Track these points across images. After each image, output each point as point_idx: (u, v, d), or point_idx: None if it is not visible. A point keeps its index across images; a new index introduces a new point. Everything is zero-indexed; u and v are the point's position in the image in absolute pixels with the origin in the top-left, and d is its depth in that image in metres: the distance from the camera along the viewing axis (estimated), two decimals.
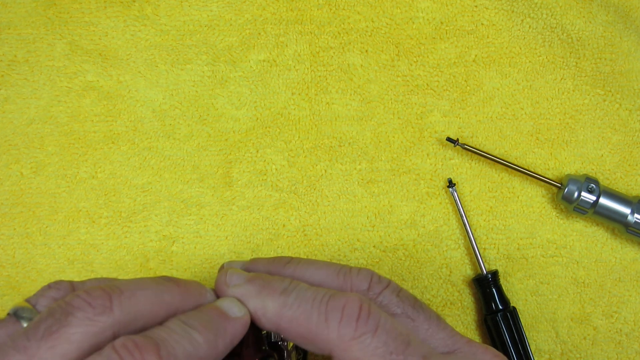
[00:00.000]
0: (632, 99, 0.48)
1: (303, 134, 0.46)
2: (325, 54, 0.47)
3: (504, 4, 0.49)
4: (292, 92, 0.47)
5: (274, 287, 0.30)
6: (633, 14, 0.49)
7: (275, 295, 0.30)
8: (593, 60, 0.48)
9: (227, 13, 0.48)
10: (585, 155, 0.47)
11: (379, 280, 0.32)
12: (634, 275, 0.46)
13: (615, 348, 0.45)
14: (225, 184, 0.45)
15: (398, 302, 0.31)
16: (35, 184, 0.44)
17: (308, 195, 0.46)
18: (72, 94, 0.46)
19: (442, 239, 0.46)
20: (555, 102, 0.48)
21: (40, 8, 0.46)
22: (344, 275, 0.32)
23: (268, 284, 0.31)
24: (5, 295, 0.43)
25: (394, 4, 0.48)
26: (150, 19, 0.47)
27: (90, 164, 0.45)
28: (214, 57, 0.47)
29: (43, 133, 0.45)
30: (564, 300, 0.46)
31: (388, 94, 0.47)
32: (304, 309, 0.29)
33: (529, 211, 0.46)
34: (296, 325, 0.29)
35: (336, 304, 0.29)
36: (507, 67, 0.48)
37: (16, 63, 0.46)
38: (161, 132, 0.46)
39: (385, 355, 0.27)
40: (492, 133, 0.47)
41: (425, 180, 0.46)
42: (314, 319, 0.29)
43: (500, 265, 0.46)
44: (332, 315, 0.28)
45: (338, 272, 0.32)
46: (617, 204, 0.44)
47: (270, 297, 0.30)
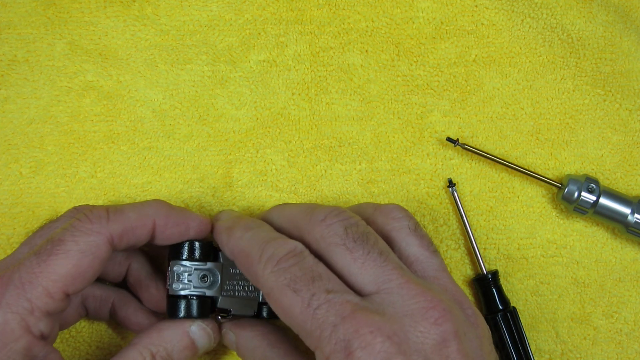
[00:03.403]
0: (633, 99, 0.48)
1: (303, 134, 0.46)
2: (325, 54, 0.47)
3: (504, 4, 0.49)
4: (292, 92, 0.47)
5: (242, 224, 0.36)
6: (633, 14, 0.50)
7: (239, 230, 0.36)
8: (593, 60, 0.48)
9: (227, 13, 0.48)
10: (586, 155, 0.47)
11: (336, 214, 0.35)
12: (634, 275, 0.46)
13: (616, 348, 0.45)
14: (226, 184, 0.45)
15: (343, 234, 0.34)
16: (34, 184, 0.44)
17: (308, 195, 0.46)
18: (72, 94, 0.46)
19: (442, 239, 0.46)
20: (556, 102, 0.48)
21: (40, 8, 0.46)
22: (310, 211, 0.35)
23: (240, 220, 0.37)
24: None
25: (394, 4, 0.48)
26: (150, 19, 0.47)
27: (90, 163, 0.45)
28: (214, 57, 0.47)
29: (43, 133, 0.45)
30: (564, 300, 0.45)
31: (388, 94, 0.47)
32: (251, 245, 0.34)
33: (529, 211, 0.46)
34: (242, 256, 0.35)
35: (272, 245, 0.33)
36: (508, 67, 0.48)
37: (16, 63, 0.46)
38: (161, 132, 0.46)
39: (290, 284, 0.31)
40: (492, 133, 0.47)
41: (425, 180, 0.46)
42: (254, 253, 0.34)
43: (500, 265, 0.46)
44: (265, 255, 0.33)
45: (305, 210, 0.36)
46: (617, 204, 0.44)
47: (235, 231, 0.36)
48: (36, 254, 0.34)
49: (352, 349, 0.29)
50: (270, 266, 0.32)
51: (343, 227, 0.34)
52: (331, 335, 0.29)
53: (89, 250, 0.34)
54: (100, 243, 0.35)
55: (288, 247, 0.33)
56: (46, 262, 0.33)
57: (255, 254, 0.34)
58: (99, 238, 0.35)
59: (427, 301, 0.31)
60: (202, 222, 0.38)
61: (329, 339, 0.29)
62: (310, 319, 0.30)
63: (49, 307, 0.33)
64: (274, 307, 0.33)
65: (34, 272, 0.33)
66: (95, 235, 0.35)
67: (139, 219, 0.36)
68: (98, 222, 0.35)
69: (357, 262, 0.33)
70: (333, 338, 0.29)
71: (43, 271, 0.33)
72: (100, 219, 0.35)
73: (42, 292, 0.33)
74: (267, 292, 0.33)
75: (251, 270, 0.34)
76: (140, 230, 0.36)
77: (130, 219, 0.36)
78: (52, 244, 0.34)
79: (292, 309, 0.31)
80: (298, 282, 0.31)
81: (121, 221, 0.36)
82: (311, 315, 0.30)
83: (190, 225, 0.38)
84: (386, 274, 0.32)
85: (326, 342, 0.30)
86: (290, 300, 0.31)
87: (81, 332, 0.43)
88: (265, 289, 0.33)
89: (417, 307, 0.31)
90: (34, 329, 0.33)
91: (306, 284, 0.31)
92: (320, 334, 0.30)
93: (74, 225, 0.35)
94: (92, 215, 0.35)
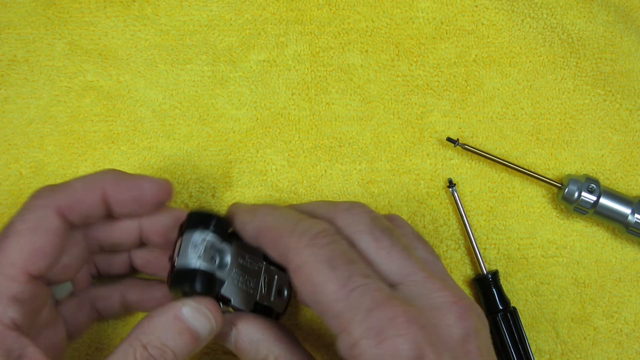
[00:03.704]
0: (633, 99, 0.48)
1: (303, 134, 0.46)
2: (325, 54, 0.47)
3: (504, 3, 0.49)
4: (292, 92, 0.47)
5: (266, 206, 0.36)
6: (633, 14, 0.49)
7: (265, 209, 0.35)
8: (593, 60, 0.48)
9: (227, 13, 0.48)
10: (586, 155, 0.47)
11: (361, 206, 0.35)
12: (634, 276, 0.46)
13: (616, 348, 0.45)
14: (225, 184, 0.45)
15: (369, 224, 0.34)
16: (34, 184, 0.44)
17: (308, 195, 0.46)
18: (72, 94, 0.46)
19: (442, 239, 0.46)
20: (556, 102, 0.48)
21: (40, 8, 0.46)
22: (333, 203, 0.36)
23: (263, 204, 0.37)
24: None
25: (394, 4, 0.48)
26: (150, 19, 0.47)
27: (90, 163, 0.45)
28: (214, 57, 0.47)
29: (43, 133, 0.45)
30: (564, 300, 0.45)
31: (388, 94, 0.47)
32: (281, 221, 0.34)
33: (529, 211, 0.46)
34: (269, 231, 0.34)
35: (305, 223, 0.33)
36: (508, 67, 0.48)
37: (16, 63, 0.46)
38: (161, 132, 0.46)
39: (329, 261, 0.31)
40: (492, 133, 0.47)
41: (425, 180, 0.46)
42: (285, 228, 0.33)
43: (500, 266, 0.46)
44: (298, 229, 0.32)
45: (328, 202, 0.36)
46: (618, 204, 0.44)
47: (261, 209, 0.35)
48: None
49: (386, 335, 0.29)
50: (306, 240, 0.31)
51: (369, 218, 0.34)
52: (364, 319, 0.29)
53: (39, 226, 0.33)
54: (49, 215, 0.33)
55: (322, 226, 0.32)
56: (0, 247, 0.32)
57: (287, 228, 0.33)
58: (46, 211, 0.33)
59: (452, 296, 0.31)
60: (159, 184, 0.37)
61: (361, 323, 0.29)
62: (343, 300, 0.30)
63: (14, 291, 0.32)
64: (302, 281, 0.31)
65: None
66: (42, 210, 0.33)
67: (86, 188, 0.35)
68: (43, 196, 0.34)
69: (383, 251, 0.33)
70: (365, 323, 0.29)
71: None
72: (45, 192, 0.34)
73: (2, 278, 0.32)
74: (297, 266, 0.31)
75: (281, 243, 0.32)
76: (90, 199, 0.35)
77: (76, 188, 0.35)
78: (4, 229, 0.33)
79: (326, 286, 0.30)
80: (336, 260, 0.31)
81: (67, 192, 0.35)
82: (345, 295, 0.30)
83: (144, 187, 0.36)
84: (411, 266, 0.33)
85: (357, 326, 0.29)
86: (326, 277, 0.30)
87: None
88: (296, 262, 0.31)
89: (443, 301, 0.31)
90: (3, 317, 0.31)
91: (344, 263, 0.31)
92: (351, 316, 0.29)
93: (22, 206, 0.34)
94: (37, 192, 0.34)
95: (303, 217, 0.34)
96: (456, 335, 0.30)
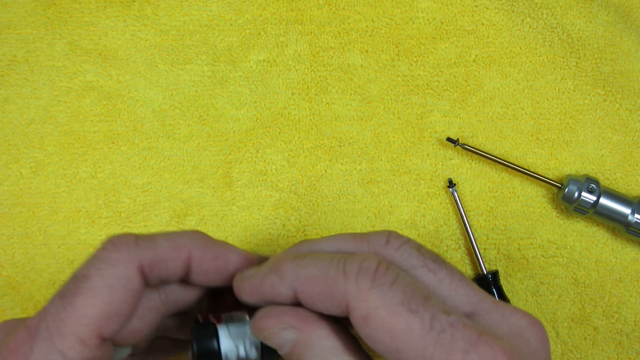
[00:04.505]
0: (633, 99, 0.48)
1: (303, 134, 0.46)
2: (325, 54, 0.47)
3: (504, 4, 0.49)
4: (292, 92, 0.47)
5: (287, 256, 0.30)
6: (633, 14, 0.49)
7: (290, 260, 0.30)
8: (593, 60, 0.48)
9: (227, 13, 0.48)
10: (586, 155, 0.47)
11: (398, 236, 0.31)
12: (634, 276, 0.46)
13: (616, 348, 0.45)
14: (225, 184, 0.45)
15: (419, 255, 0.30)
16: (34, 184, 0.44)
17: (308, 195, 0.46)
18: (72, 94, 0.46)
19: (443, 239, 0.46)
20: (556, 102, 0.48)
21: (40, 8, 0.46)
22: (360, 237, 0.31)
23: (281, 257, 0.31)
24: (6, 295, 0.43)
25: (394, 4, 0.48)
26: (150, 19, 0.47)
27: (90, 163, 0.45)
28: (214, 57, 0.47)
29: (43, 133, 0.45)
30: (564, 300, 0.45)
31: (388, 94, 0.47)
32: (320, 267, 0.29)
33: (529, 211, 0.46)
34: (313, 282, 0.29)
35: (354, 260, 0.28)
36: (508, 67, 0.48)
37: (16, 63, 0.46)
38: (161, 132, 0.46)
39: (404, 303, 0.27)
40: (492, 133, 0.47)
41: (425, 180, 0.46)
42: (332, 274, 0.28)
43: (500, 266, 0.46)
44: (349, 270, 0.28)
45: (354, 236, 0.31)
46: (618, 204, 0.44)
47: (285, 263, 0.30)
48: (60, 296, 0.29)
49: None
50: (367, 282, 0.27)
51: (416, 249, 0.31)
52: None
53: (118, 284, 0.29)
54: (131, 274, 0.30)
55: (375, 260, 0.28)
56: (72, 304, 0.29)
57: (335, 272, 0.28)
58: (128, 268, 0.30)
59: (527, 317, 0.30)
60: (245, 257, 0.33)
61: None
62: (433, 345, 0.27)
63: (85, 356, 0.29)
64: (375, 330, 0.27)
65: (61, 319, 0.28)
66: (124, 266, 0.30)
67: (173, 249, 0.31)
68: (125, 249, 0.30)
69: (444, 283, 0.30)
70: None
71: (71, 316, 0.28)
72: (128, 245, 0.30)
73: (73, 340, 0.28)
74: (366, 314, 0.27)
75: (335, 293, 0.28)
76: (174, 262, 0.31)
77: (162, 247, 0.31)
78: (75, 281, 0.29)
79: (409, 332, 0.27)
80: (412, 301, 0.27)
81: (152, 248, 0.31)
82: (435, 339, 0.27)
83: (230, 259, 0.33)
84: (475, 293, 0.30)
85: None
86: (407, 322, 0.27)
87: None
88: (363, 311, 0.27)
89: (522, 325, 0.30)
90: None
91: (422, 303, 0.27)
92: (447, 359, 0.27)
93: (98, 256, 0.30)
94: (118, 243, 0.30)
95: (344, 254, 0.29)
96: (542, 358, 0.29)
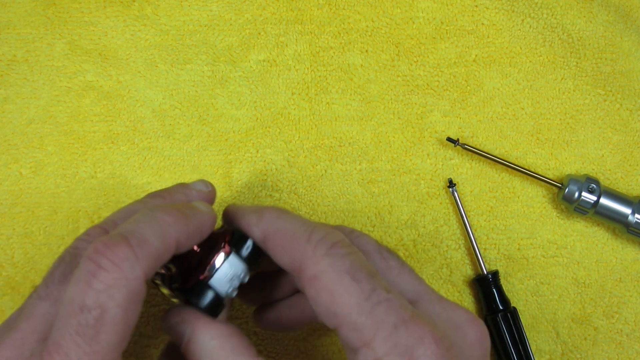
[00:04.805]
0: (633, 99, 0.48)
1: (303, 134, 0.46)
2: (325, 54, 0.47)
3: (505, 3, 0.49)
4: (292, 92, 0.47)
5: (273, 208, 0.34)
6: (633, 14, 0.49)
7: (273, 212, 0.33)
8: (594, 60, 0.48)
9: (227, 13, 0.48)
10: (586, 155, 0.47)
11: (360, 231, 0.35)
12: (634, 276, 0.46)
13: (616, 348, 0.45)
14: (226, 184, 0.45)
15: (376, 244, 0.34)
16: (34, 184, 0.44)
17: (308, 195, 0.46)
18: (72, 94, 0.46)
19: (443, 239, 0.46)
20: (556, 102, 0.48)
21: (40, 8, 0.46)
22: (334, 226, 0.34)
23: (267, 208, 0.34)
24: (5, 295, 0.43)
25: (394, 4, 0.48)
26: (150, 19, 0.47)
27: (90, 163, 0.45)
28: (214, 57, 0.47)
29: (42, 133, 0.45)
30: (565, 300, 0.45)
31: (388, 94, 0.47)
32: (292, 226, 0.32)
33: (529, 211, 0.46)
34: (281, 235, 0.32)
35: (320, 230, 0.31)
36: (508, 67, 0.48)
37: (16, 63, 0.46)
38: (161, 132, 0.46)
39: (350, 272, 0.30)
40: (493, 133, 0.47)
41: (425, 180, 0.46)
42: (298, 234, 0.31)
43: (500, 266, 0.46)
44: (314, 236, 0.31)
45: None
46: (618, 204, 0.44)
47: (268, 212, 0.33)
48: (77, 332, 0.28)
49: (414, 354, 0.28)
50: (324, 248, 0.30)
51: (375, 241, 0.34)
52: (389, 336, 0.28)
53: (132, 305, 0.28)
54: (140, 288, 0.29)
55: (339, 236, 0.31)
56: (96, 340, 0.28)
57: (302, 234, 0.31)
58: (137, 284, 0.29)
59: (469, 314, 0.31)
60: (213, 219, 0.34)
61: (386, 340, 0.28)
62: (366, 314, 0.29)
63: None
64: (318, 291, 0.30)
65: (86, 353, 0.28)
66: (133, 283, 0.29)
67: (164, 245, 0.31)
68: (128, 266, 0.29)
69: (394, 270, 0.33)
70: (391, 339, 0.28)
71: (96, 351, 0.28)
72: (130, 261, 0.29)
73: None
74: (314, 275, 0.30)
75: (294, 249, 0.31)
76: (167, 256, 0.31)
77: (155, 247, 0.30)
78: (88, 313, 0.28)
79: (347, 298, 0.29)
80: (357, 272, 0.30)
81: (149, 254, 0.30)
82: (369, 309, 0.29)
83: (204, 231, 0.33)
84: (422, 285, 0.32)
85: (382, 342, 0.28)
86: (347, 289, 0.29)
87: None
88: (312, 271, 0.30)
89: (462, 320, 0.31)
90: None
91: (366, 276, 0.30)
92: (375, 332, 0.29)
93: (102, 279, 0.28)
94: (118, 259, 0.28)
95: (317, 224, 0.32)
96: (477, 356, 0.30)
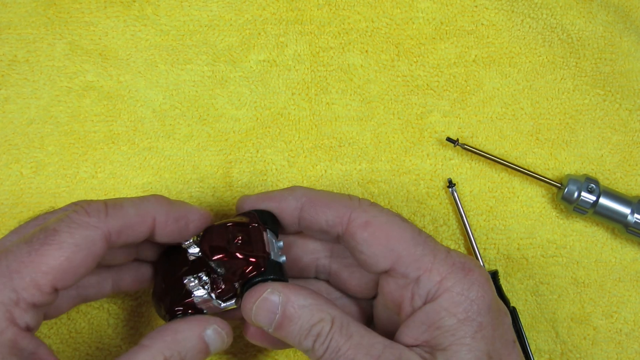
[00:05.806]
0: (632, 99, 0.48)
1: (303, 134, 0.46)
2: (325, 54, 0.47)
3: (504, 4, 0.49)
4: (292, 92, 0.47)
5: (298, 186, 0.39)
6: (633, 14, 0.49)
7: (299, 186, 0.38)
8: (593, 60, 0.48)
9: (227, 13, 0.48)
10: (585, 155, 0.47)
11: None
12: (634, 276, 0.46)
13: (615, 348, 0.45)
14: (226, 184, 0.45)
15: None
16: (35, 184, 0.44)
17: None
18: (72, 94, 0.46)
19: (442, 239, 0.46)
20: (556, 102, 0.48)
21: (40, 8, 0.46)
22: None
23: None
24: None
25: (394, 4, 0.48)
26: (150, 19, 0.47)
27: (90, 163, 0.45)
28: (214, 57, 0.47)
29: (43, 133, 0.45)
30: (564, 300, 0.46)
31: (388, 94, 0.47)
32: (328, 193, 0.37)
33: (529, 211, 0.46)
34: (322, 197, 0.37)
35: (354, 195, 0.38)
36: (507, 67, 0.48)
37: (16, 63, 0.46)
38: (161, 132, 0.46)
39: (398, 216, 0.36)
40: (492, 133, 0.47)
41: (425, 180, 0.46)
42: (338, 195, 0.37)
43: (500, 266, 0.46)
44: (353, 197, 0.37)
45: None
46: (617, 204, 0.44)
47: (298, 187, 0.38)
48: (27, 242, 0.32)
49: (470, 267, 0.34)
50: (368, 202, 0.37)
51: None
52: (446, 259, 0.34)
53: (83, 245, 0.32)
54: (97, 238, 0.33)
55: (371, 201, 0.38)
56: (38, 251, 0.31)
57: (341, 195, 0.37)
58: (96, 233, 0.33)
59: None
60: (203, 216, 0.37)
61: (444, 262, 0.34)
62: (422, 244, 0.35)
63: (36, 300, 0.31)
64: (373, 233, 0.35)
65: (22, 262, 0.31)
66: (92, 230, 0.33)
67: (139, 215, 0.35)
68: (96, 215, 0.33)
69: None
70: (448, 261, 0.34)
71: (33, 261, 0.31)
72: (99, 212, 0.33)
73: (29, 283, 0.31)
74: (366, 220, 0.35)
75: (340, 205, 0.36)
76: (139, 227, 0.35)
77: (129, 214, 0.34)
78: (45, 233, 0.32)
79: (402, 234, 0.35)
80: (401, 218, 0.36)
81: (120, 217, 0.34)
82: (423, 241, 0.35)
83: (190, 219, 0.36)
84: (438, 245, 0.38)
85: (441, 264, 0.34)
86: (400, 227, 0.35)
87: (81, 332, 0.43)
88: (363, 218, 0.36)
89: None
90: (20, 321, 0.31)
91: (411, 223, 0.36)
92: (433, 258, 0.34)
93: (71, 217, 0.33)
94: (90, 209, 0.33)
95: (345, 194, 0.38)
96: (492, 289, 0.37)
